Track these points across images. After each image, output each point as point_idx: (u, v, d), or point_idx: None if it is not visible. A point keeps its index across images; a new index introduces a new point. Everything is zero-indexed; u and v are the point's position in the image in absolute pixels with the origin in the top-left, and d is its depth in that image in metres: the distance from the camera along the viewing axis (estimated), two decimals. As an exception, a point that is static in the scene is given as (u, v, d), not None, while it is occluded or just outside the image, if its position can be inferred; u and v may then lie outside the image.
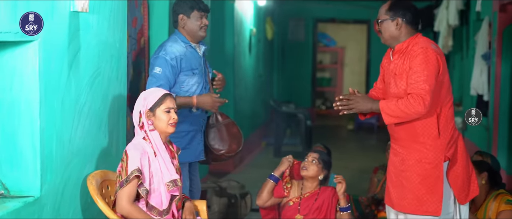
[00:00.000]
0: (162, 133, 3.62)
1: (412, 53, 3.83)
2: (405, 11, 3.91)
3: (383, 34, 3.96)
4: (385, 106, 3.82)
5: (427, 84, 3.73)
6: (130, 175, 3.41)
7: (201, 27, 4.47)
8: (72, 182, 3.55)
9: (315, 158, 4.57)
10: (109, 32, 3.95)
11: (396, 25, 3.91)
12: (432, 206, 3.91)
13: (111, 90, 4.02)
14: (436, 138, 3.90)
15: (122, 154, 3.50)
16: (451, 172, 3.97)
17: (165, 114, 3.59)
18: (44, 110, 3.22)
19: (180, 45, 4.44)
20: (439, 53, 3.85)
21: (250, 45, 9.96)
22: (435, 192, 3.91)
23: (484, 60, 8.22)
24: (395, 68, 3.92)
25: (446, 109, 3.93)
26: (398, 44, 3.94)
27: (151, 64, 4.41)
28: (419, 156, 3.93)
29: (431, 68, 3.75)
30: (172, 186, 3.56)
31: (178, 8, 4.53)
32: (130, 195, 3.44)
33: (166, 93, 3.64)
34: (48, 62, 3.25)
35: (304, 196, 4.56)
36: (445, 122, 3.92)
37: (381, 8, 3.97)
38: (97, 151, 3.85)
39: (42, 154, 3.23)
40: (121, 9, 4.12)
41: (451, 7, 9.37)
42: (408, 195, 3.97)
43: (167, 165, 3.57)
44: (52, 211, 3.33)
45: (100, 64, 3.84)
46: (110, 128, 4.01)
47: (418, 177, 3.93)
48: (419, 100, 3.72)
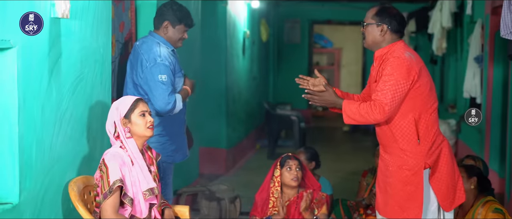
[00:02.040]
0: (141, 137, 3.62)
1: (386, 61, 3.85)
2: (391, 19, 3.93)
3: (367, 37, 3.99)
4: (347, 107, 3.88)
5: (391, 93, 3.76)
6: (113, 186, 3.41)
7: (181, 39, 4.58)
8: (53, 188, 3.54)
9: (298, 165, 4.57)
10: (92, 38, 3.94)
11: (380, 31, 3.93)
12: (413, 212, 3.92)
13: (95, 96, 4.00)
14: (416, 144, 3.90)
15: (100, 162, 3.50)
16: (434, 178, 3.96)
17: (141, 118, 3.60)
18: (23, 116, 3.21)
19: (167, 49, 4.49)
20: (414, 61, 3.84)
21: (244, 47, 9.95)
22: (415, 198, 3.91)
23: (476, 63, 8.21)
24: (376, 75, 3.95)
25: (427, 115, 3.91)
26: (378, 50, 3.96)
27: (149, 72, 4.40)
28: (400, 162, 3.94)
29: (399, 78, 3.77)
30: (149, 195, 3.55)
31: (166, 13, 4.55)
32: (114, 205, 3.44)
33: (138, 98, 3.66)
34: (27, 68, 3.23)
35: (285, 204, 4.55)
36: (426, 128, 3.91)
37: (369, 11, 3.99)
38: (79, 156, 3.84)
39: (21, 160, 3.21)
40: (105, 14, 4.10)
41: (445, 10, 9.36)
42: (390, 201, 3.99)
43: (144, 173, 3.56)
44: (32, 217, 3.31)
45: (83, 70, 3.83)
46: (94, 133, 4.00)
47: (399, 184, 3.94)
48: (380, 108, 3.76)
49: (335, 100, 3.96)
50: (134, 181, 3.53)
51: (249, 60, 10.53)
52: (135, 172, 3.53)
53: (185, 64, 6.03)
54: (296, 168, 4.54)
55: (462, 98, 9.21)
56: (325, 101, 3.99)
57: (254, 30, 11.04)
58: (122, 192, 3.47)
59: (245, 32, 9.92)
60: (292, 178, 4.51)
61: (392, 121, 3.91)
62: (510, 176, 6.36)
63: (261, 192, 4.63)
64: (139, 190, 3.54)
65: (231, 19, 8.89)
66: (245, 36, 9.97)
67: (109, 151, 3.56)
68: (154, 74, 4.38)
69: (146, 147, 3.77)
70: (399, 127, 3.90)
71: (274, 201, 4.55)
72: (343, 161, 10.01)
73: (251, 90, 10.88)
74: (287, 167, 4.55)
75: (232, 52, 9.06)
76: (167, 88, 4.37)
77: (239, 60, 9.70)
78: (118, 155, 3.52)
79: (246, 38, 10.06)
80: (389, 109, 3.76)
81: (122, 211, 3.51)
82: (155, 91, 4.37)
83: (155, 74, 4.38)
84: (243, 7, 9.80)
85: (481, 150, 8.01)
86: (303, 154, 5.69)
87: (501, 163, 7.45)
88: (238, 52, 9.55)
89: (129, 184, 3.50)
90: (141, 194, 3.54)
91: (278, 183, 4.55)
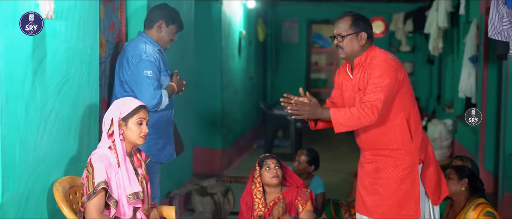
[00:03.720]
0: (131, 143, 3.61)
1: (371, 66, 3.85)
2: (367, 25, 3.94)
3: (345, 48, 3.92)
4: (337, 115, 3.80)
5: (383, 94, 3.76)
6: (97, 187, 3.41)
7: (171, 41, 4.68)
8: (38, 189, 3.53)
9: (277, 164, 4.56)
10: (78, 38, 3.93)
11: (360, 40, 3.91)
12: (412, 209, 3.97)
13: (81, 96, 4.00)
14: (410, 142, 3.96)
15: (87, 162, 3.50)
16: (425, 174, 4.03)
17: (137, 126, 3.58)
18: (5, 116, 3.20)
19: (153, 47, 4.55)
20: (398, 62, 3.89)
21: (240, 47, 9.95)
22: (412, 194, 3.97)
23: (471, 63, 8.21)
24: (358, 83, 3.93)
25: (414, 113, 3.98)
26: (356, 58, 3.94)
27: (135, 68, 4.46)
28: (395, 162, 3.97)
29: (389, 80, 3.79)
30: (133, 199, 3.54)
31: (161, 13, 4.63)
32: (98, 206, 3.43)
33: (141, 105, 3.64)
34: (10, 69, 3.23)
35: (269, 205, 4.54)
36: (415, 126, 3.98)
37: (341, 22, 3.94)
38: (66, 157, 3.84)
39: (4, 161, 3.21)
40: (92, 15, 4.10)
41: (441, 9, 9.36)
42: (386, 202, 4.00)
43: (130, 176, 3.55)
44: (15, 217, 3.31)
45: (69, 70, 3.83)
46: (81, 134, 3.99)
47: (395, 183, 3.97)
48: (373, 109, 3.76)
49: (321, 110, 3.86)
50: (119, 183, 3.52)
51: (245, 60, 10.52)
52: (121, 174, 3.52)
53: (177, 64, 6.03)
54: (275, 167, 4.52)
55: (459, 98, 9.21)
56: (310, 113, 3.85)
57: (251, 30, 11.04)
58: (107, 194, 3.47)
59: (241, 32, 9.92)
60: (272, 176, 4.49)
61: (384, 123, 3.93)
62: (503, 176, 6.35)
63: (245, 197, 4.62)
64: (123, 192, 3.53)
65: (226, 19, 8.89)
66: (241, 36, 9.97)
67: (96, 152, 3.56)
68: (139, 70, 4.46)
69: (135, 149, 3.76)
70: (392, 127, 3.93)
71: (258, 202, 4.54)
72: (341, 161, 10.00)
73: (247, 90, 10.87)
74: (266, 166, 4.53)
75: (227, 52, 9.06)
76: (152, 83, 4.44)
77: (235, 60, 9.69)
78: (105, 156, 3.52)
79: (242, 38, 10.06)
80: (382, 109, 3.77)
81: (107, 212, 3.51)
82: (141, 86, 4.44)
83: (140, 70, 4.45)
84: (239, 7, 9.80)
85: (475, 150, 8.01)
86: (304, 156, 5.68)
87: (495, 163, 7.44)
88: (233, 52, 9.55)
89: (115, 186, 3.50)
90: (125, 196, 3.53)
91: (259, 184, 4.54)
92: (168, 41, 4.67)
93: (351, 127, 3.79)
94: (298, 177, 4.69)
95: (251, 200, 4.56)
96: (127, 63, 4.52)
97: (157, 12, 4.66)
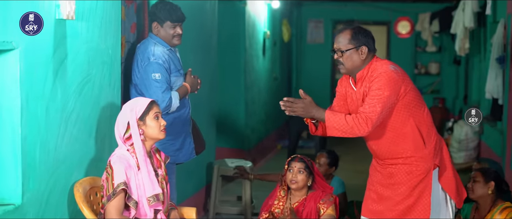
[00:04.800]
0: (153, 139, 3.61)
1: (371, 78, 3.77)
2: (367, 38, 3.83)
3: (345, 63, 3.82)
4: (331, 118, 3.68)
5: (379, 107, 3.68)
6: (117, 188, 3.40)
7: (174, 36, 4.63)
8: (58, 189, 3.54)
9: (301, 168, 4.52)
10: (100, 39, 3.94)
11: (360, 54, 3.80)
12: (421, 213, 3.93)
13: (103, 97, 4.01)
14: (423, 148, 3.90)
15: (107, 164, 3.49)
16: (444, 177, 3.98)
17: (155, 121, 3.59)
18: (26, 117, 3.22)
19: (163, 48, 4.55)
20: (399, 73, 3.79)
21: (264, 48, 9.93)
22: (422, 199, 3.92)
23: (498, 64, 8.09)
24: (362, 96, 3.85)
25: (423, 116, 3.90)
26: (359, 72, 3.85)
27: (144, 71, 4.48)
28: (409, 169, 3.93)
29: (388, 92, 3.70)
30: (153, 201, 3.52)
31: (152, 15, 4.65)
32: (118, 208, 3.43)
33: (152, 100, 3.64)
34: (31, 70, 3.24)
35: (293, 205, 4.52)
36: (427, 129, 3.91)
37: (341, 37, 3.83)
38: (87, 157, 3.85)
39: (24, 162, 3.22)
40: (113, 15, 4.10)
41: (467, 9, 9.24)
42: (397, 207, 3.97)
43: (151, 178, 3.54)
44: (35, 218, 3.32)
45: (90, 71, 3.83)
46: (102, 135, 4.00)
47: (408, 189, 3.94)
48: (367, 121, 3.67)
49: (317, 110, 3.73)
50: (139, 184, 3.51)
51: (269, 60, 10.50)
52: (141, 176, 3.52)
53: (200, 64, 6.03)
54: (298, 171, 4.49)
55: (486, 99, 9.09)
56: (304, 111, 3.71)
57: (276, 30, 11.00)
58: (127, 195, 3.46)
59: (265, 33, 9.89)
60: (290, 179, 4.48)
61: (394, 133, 3.87)
62: (530, 178, 6.26)
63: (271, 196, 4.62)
64: (143, 194, 3.52)
65: (250, 19, 8.87)
66: (266, 37, 9.94)
67: (116, 153, 3.56)
68: (148, 73, 4.46)
69: (154, 149, 3.75)
70: (403, 135, 3.87)
71: (279, 199, 4.55)
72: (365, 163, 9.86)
73: (272, 91, 10.84)
74: (290, 168, 4.52)
75: (251, 53, 9.04)
76: (161, 86, 4.43)
77: (259, 60, 9.67)
78: (124, 157, 3.51)
79: (267, 39, 10.03)
80: (375, 122, 3.69)
81: (127, 214, 3.50)
82: (150, 90, 4.44)
83: (149, 73, 4.46)
84: (263, 8, 9.77)
85: (503, 152, 7.90)
86: (324, 158, 5.64)
87: (523, 165, 7.32)
88: (258, 53, 9.53)
89: (134, 187, 3.49)
90: (145, 198, 3.52)
91: (284, 182, 4.55)
92: (172, 38, 4.62)
93: (344, 133, 3.68)
94: (327, 185, 4.64)
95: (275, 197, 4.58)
96: (137, 66, 4.54)
97: (150, 14, 4.69)
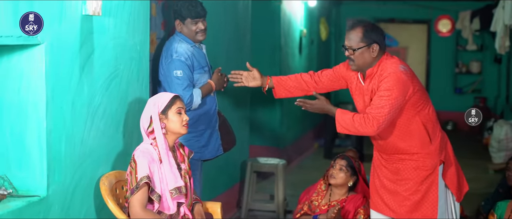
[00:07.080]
0: (175, 134, 3.64)
1: (380, 78, 3.81)
2: (378, 36, 3.86)
3: (356, 61, 3.88)
4: (340, 117, 3.84)
5: (387, 108, 3.72)
6: (140, 182, 3.45)
7: (197, 32, 4.65)
8: (84, 182, 3.60)
9: (343, 165, 4.52)
10: (128, 35, 3.99)
11: (371, 51, 3.85)
12: (429, 209, 3.99)
13: (130, 92, 4.05)
14: (429, 144, 3.97)
15: (131, 158, 3.54)
16: (447, 173, 4.05)
17: (177, 115, 3.62)
18: (51, 111, 3.28)
19: (187, 45, 4.58)
20: (408, 74, 3.82)
21: (301, 46, 9.90)
22: (430, 196, 3.99)
23: (538, 62, 7.94)
24: (370, 92, 3.90)
25: (429, 113, 3.96)
26: (369, 69, 3.90)
27: (166, 68, 4.55)
28: (416, 164, 4.00)
29: (396, 94, 3.73)
30: (175, 193, 3.56)
31: (174, 13, 4.70)
32: (142, 201, 3.47)
33: (175, 95, 3.68)
34: (56, 65, 3.31)
35: (331, 203, 4.51)
36: (433, 127, 3.98)
37: (352, 34, 3.86)
38: (114, 152, 3.90)
39: (49, 155, 3.28)
40: (142, 12, 4.15)
41: (507, 7, 9.07)
42: (405, 202, 4.03)
43: (173, 171, 3.58)
44: (61, 211, 3.38)
45: (117, 67, 3.89)
46: (130, 129, 4.05)
47: (415, 185, 4.00)
48: (374, 122, 3.73)
49: (329, 108, 3.94)
50: (162, 178, 3.55)
51: (306, 59, 10.47)
52: (163, 169, 3.56)
53: (233, 62, 6.05)
54: (339, 168, 4.51)
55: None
56: (318, 109, 3.98)
57: (313, 29, 10.96)
58: (150, 188, 3.50)
59: (301, 31, 9.86)
60: (330, 174, 4.52)
61: (400, 130, 3.93)
62: None
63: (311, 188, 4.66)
64: (166, 187, 3.56)
65: (285, 18, 8.86)
66: (302, 35, 9.91)
67: (139, 148, 3.60)
68: (170, 70, 4.53)
69: (178, 144, 3.79)
70: (409, 133, 3.93)
71: (319, 192, 4.58)
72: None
73: (309, 90, 10.79)
74: (333, 165, 4.56)
75: (287, 51, 9.03)
76: (182, 84, 4.48)
77: (295, 59, 9.65)
78: (148, 151, 3.56)
79: (303, 37, 10.00)
80: (383, 124, 3.75)
81: (150, 207, 3.54)
82: (172, 86, 4.51)
83: (171, 70, 4.52)
84: (299, 6, 9.74)
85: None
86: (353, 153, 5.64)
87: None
88: (294, 51, 9.51)
89: (157, 181, 3.53)
90: (168, 191, 3.56)
91: (327, 178, 4.59)
92: (195, 34, 4.64)
93: (350, 132, 3.84)
94: (367, 187, 4.63)
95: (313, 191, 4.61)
96: (161, 63, 4.62)
97: (173, 13, 4.73)
